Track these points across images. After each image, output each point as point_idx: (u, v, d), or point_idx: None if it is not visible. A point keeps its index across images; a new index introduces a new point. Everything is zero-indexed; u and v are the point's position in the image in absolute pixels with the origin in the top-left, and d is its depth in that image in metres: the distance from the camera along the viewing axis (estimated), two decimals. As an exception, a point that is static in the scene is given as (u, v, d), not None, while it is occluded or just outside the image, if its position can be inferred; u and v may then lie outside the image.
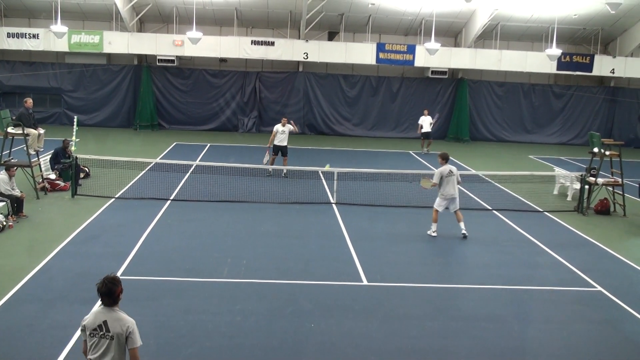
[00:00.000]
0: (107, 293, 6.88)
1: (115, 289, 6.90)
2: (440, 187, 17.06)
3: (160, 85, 37.48)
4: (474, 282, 14.12)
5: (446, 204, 17.11)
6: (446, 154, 17.48)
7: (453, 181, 16.97)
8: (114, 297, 6.89)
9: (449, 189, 16.92)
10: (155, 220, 17.56)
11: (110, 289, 6.87)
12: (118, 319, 6.85)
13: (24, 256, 14.40)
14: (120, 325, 6.80)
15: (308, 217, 18.88)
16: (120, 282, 7.00)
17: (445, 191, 16.97)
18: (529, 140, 39.23)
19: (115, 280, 6.94)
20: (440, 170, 17.09)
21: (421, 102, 38.14)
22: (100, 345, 6.84)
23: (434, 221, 17.23)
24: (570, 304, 13.16)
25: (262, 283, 13.33)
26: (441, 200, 17.12)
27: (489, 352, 10.71)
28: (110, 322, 6.83)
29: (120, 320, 6.83)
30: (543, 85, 39.56)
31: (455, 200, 17.07)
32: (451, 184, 16.94)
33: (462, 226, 17.08)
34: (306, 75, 37.97)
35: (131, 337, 6.78)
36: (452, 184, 16.95)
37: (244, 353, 10.19)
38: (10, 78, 36.22)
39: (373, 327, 11.42)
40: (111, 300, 6.89)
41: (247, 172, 22.80)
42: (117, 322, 6.82)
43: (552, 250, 16.57)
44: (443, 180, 16.96)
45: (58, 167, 21.86)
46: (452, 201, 17.06)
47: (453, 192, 16.97)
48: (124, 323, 6.82)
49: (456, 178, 17.07)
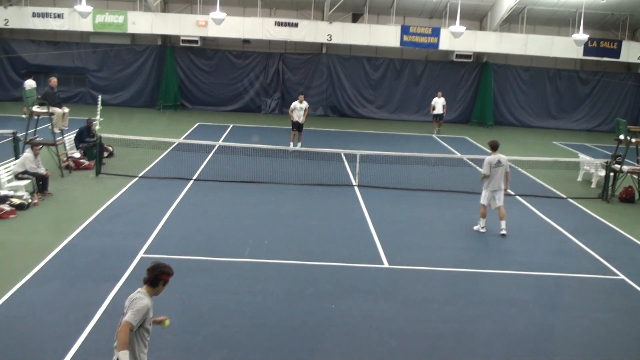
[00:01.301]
0: (152, 268, 7.07)
1: (161, 271, 7.03)
2: (489, 179, 15.98)
3: (184, 66, 37.51)
4: (495, 267, 14.07)
5: (491, 196, 16.02)
6: (495, 142, 16.16)
7: (501, 172, 15.92)
8: (149, 276, 7.03)
9: (495, 180, 15.88)
10: (178, 200, 17.65)
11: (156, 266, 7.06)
12: (135, 297, 6.95)
13: (48, 233, 14.56)
14: (131, 298, 6.92)
15: (330, 199, 18.89)
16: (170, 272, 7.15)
17: (490, 183, 15.94)
18: (553, 126, 38.78)
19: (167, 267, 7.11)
20: (489, 160, 15.95)
21: (445, 85, 37.82)
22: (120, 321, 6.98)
23: (482, 216, 16.23)
24: (592, 292, 13.08)
25: (283, 264, 13.38)
26: (487, 193, 16.04)
27: (509, 337, 10.68)
28: (129, 298, 6.99)
29: (136, 295, 6.94)
30: (569, 71, 39.05)
31: (501, 193, 15.97)
32: (499, 175, 15.90)
33: (502, 225, 16.02)
34: (329, 57, 37.81)
35: (128, 310, 6.82)
36: (499, 175, 15.90)
37: (265, 333, 10.25)
38: (35, 57, 36.42)
39: (393, 310, 11.43)
40: (150, 277, 7.05)
41: (269, 153, 22.83)
42: (133, 296, 6.96)
43: (575, 237, 16.44)
44: (491, 171, 15.90)
45: (82, 146, 22.01)
46: (497, 193, 15.96)
47: (500, 184, 15.92)
48: (135, 296, 6.92)
49: (505, 169, 15.98)
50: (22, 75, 36.24)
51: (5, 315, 10.30)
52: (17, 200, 15.93)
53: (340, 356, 9.66)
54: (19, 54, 36.33)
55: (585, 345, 10.61)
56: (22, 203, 15.98)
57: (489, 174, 15.90)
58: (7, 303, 10.73)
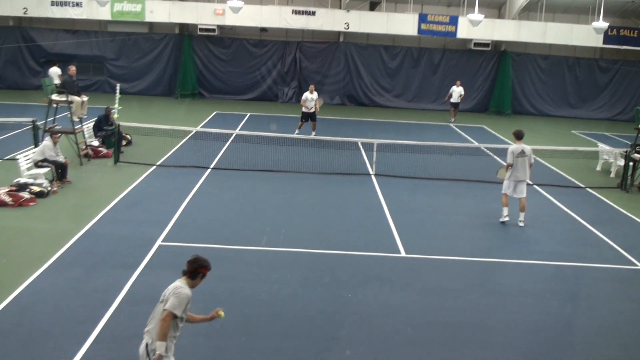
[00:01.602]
0: (192, 261, 7.24)
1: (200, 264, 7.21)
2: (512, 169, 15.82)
3: (201, 55, 37.58)
4: (513, 257, 14.04)
5: (513, 186, 15.94)
6: (520, 132, 15.99)
7: (524, 163, 15.77)
8: (189, 268, 7.20)
9: (519, 171, 15.74)
10: (196, 189, 17.73)
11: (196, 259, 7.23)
12: (177, 285, 7.10)
13: (67, 221, 14.69)
14: (172, 288, 7.06)
15: (347, 188, 18.89)
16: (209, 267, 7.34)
17: (513, 173, 15.80)
18: (572, 115, 38.51)
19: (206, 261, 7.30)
20: (512, 149, 15.80)
21: (463, 74, 37.59)
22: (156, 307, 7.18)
23: (504, 205, 16.10)
24: (610, 281, 13.01)
25: (300, 252, 13.43)
26: (509, 183, 15.94)
27: (526, 327, 10.66)
28: (170, 287, 7.13)
29: (178, 286, 7.08)
30: (588, 59, 38.72)
31: (523, 184, 15.90)
32: (521, 165, 15.76)
33: (521, 216, 15.97)
34: (347, 45, 37.73)
35: (169, 299, 6.94)
36: (522, 166, 15.75)
37: (282, 321, 10.30)
38: (54, 46, 36.62)
39: (410, 299, 11.45)
40: (190, 269, 7.21)
41: (286, 142, 22.86)
42: (175, 286, 7.09)
43: (594, 227, 16.36)
44: (515, 161, 15.73)
45: (101, 134, 22.14)
46: (519, 184, 15.87)
47: (523, 175, 15.80)
48: (178, 287, 7.05)
49: (528, 160, 15.81)
50: (41, 63, 36.59)
51: (27, 301, 10.44)
52: (37, 188, 16.08)
53: (357, 345, 9.69)
54: (38, 43, 36.54)
55: (603, 335, 10.57)
56: (42, 191, 16.13)
57: (512, 163, 15.79)
58: (29, 289, 10.86)
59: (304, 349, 9.50)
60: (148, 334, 7.06)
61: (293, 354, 9.32)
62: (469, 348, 9.82)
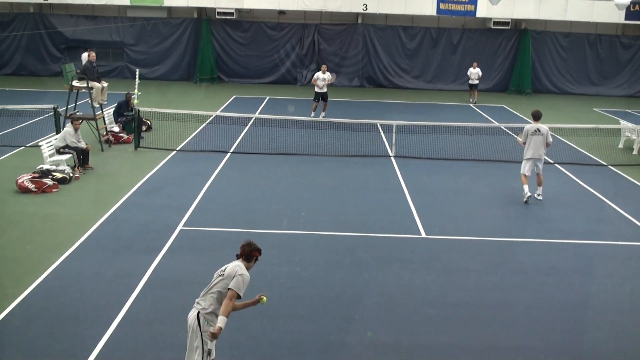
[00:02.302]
0: (247, 245, 7.63)
1: (254, 248, 7.61)
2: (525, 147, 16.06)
3: (220, 39, 37.56)
4: (534, 236, 14.00)
5: (531, 164, 16.03)
6: (538, 112, 16.13)
7: (539, 141, 15.89)
8: (250, 252, 7.57)
9: (533, 149, 15.90)
10: (216, 173, 17.82)
11: (249, 243, 7.65)
12: (238, 265, 7.45)
13: (90, 206, 14.85)
14: (236, 269, 7.36)
15: (366, 170, 18.89)
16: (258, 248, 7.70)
17: (529, 152, 15.95)
18: (594, 93, 38.06)
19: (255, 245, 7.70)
20: (527, 128, 16.08)
21: (482, 54, 37.32)
22: (212, 280, 7.51)
23: (524, 183, 16.11)
24: (633, 259, 12.95)
25: (321, 235, 13.48)
26: (525, 162, 16.08)
27: (548, 305, 10.65)
28: (231, 265, 7.49)
29: (240, 267, 7.42)
30: (610, 36, 38.18)
31: (540, 161, 16.04)
32: (536, 143, 15.89)
33: (539, 190, 16.24)
34: (365, 27, 37.51)
35: (236, 279, 7.27)
36: (537, 144, 15.89)
37: (303, 303, 10.38)
38: (74, 32, 36.78)
39: (431, 280, 11.47)
40: (246, 253, 7.57)
41: (305, 125, 22.86)
42: (237, 266, 7.42)
43: (616, 204, 16.25)
44: (528, 139, 15.93)
45: (121, 120, 22.28)
46: (536, 161, 16.04)
47: (538, 153, 15.92)
48: (240, 269, 7.38)
49: (544, 138, 15.93)
50: (61, 50, 36.89)
51: (53, 285, 10.60)
52: (59, 175, 16.24)
53: (378, 325, 9.74)
54: (58, 29, 36.72)
55: (628, 312, 10.55)
56: (64, 177, 16.29)
57: (524, 141, 16.05)
58: (54, 274, 11.03)
59: (325, 330, 9.57)
60: (199, 305, 7.41)
61: (314, 336, 9.39)
62: (491, 327, 9.84)
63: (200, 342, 7.27)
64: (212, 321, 7.28)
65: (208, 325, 7.28)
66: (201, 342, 7.26)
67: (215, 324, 7.22)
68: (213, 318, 7.29)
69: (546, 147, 16.16)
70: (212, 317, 7.30)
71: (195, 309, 7.40)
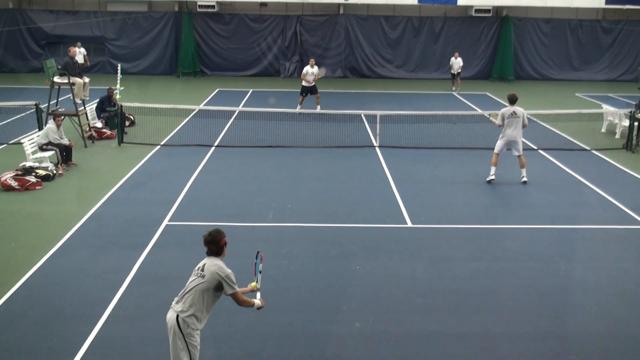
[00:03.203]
0: (212, 241, 7.30)
1: (219, 238, 7.30)
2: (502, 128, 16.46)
3: (202, 32, 37.40)
4: (519, 222, 14.08)
5: (506, 146, 16.45)
6: (512, 95, 16.58)
7: (516, 123, 16.23)
8: (218, 245, 7.31)
9: (510, 131, 16.26)
10: (201, 167, 17.76)
11: (214, 237, 7.29)
12: (218, 265, 7.24)
13: (74, 203, 14.76)
14: (218, 271, 7.17)
15: (351, 161, 18.89)
16: (224, 234, 7.40)
17: (506, 133, 16.34)
18: (576, 78, 38.26)
19: (220, 232, 7.38)
20: (502, 112, 16.47)
21: (464, 42, 37.44)
22: (190, 280, 7.30)
23: (493, 164, 16.57)
24: (619, 242, 13.04)
25: (307, 227, 13.47)
26: (502, 143, 16.47)
27: (535, 291, 10.71)
28: (209, 265, 7.25)
29: (220, 267, 7.22)
30: (591, 21, 38.35)
31: (518, 143, 16.34)
32: (513, 126, 16.23)
33: (523, 172, 16.56)
34: (347, 17, 37.46)
35: (227, 284, 7.19)
36: (514, 126, 16.23)
37: (291, 295, 10.37)
38: (54, 28, 36.51)
39: (418, 269, 11.50)
40: (216, 248, 7.32)
41: (290, 117, 22.82)
42: (216, 267, 7.21)
43: (600, 188, 16.35)
44: (505, 121, 16.32)
45: (104, 115, 22.14)
46: (513, 144, 16.36)
47: (514, 134, 16.27)
48: (222, 270, 7.20)
49: (521, 120, 16.28)
50: (42, 46, 36.64)
51: (38, 283, 10.54)
52: (43, 172, 16.12)
53: (367, 315, 9.75)
54: (38, 25, 36.42)
55: (614, 295, 10.63)
56: (48, 174, 16.17)
57: (500, 123, 16.42)
58: (39, 271, 10.96)
59: (314, 322, 9.57)
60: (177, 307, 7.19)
61: (302, 328, 9.39)
62: (479, 314, 9.87)
63: (184, 345, 7.11)
64: (192, 324, 7.10)
65: (189, 327, 7.09)
66: (185, 344, 7.10)
67: (196, 326, 7.14)
68: (194, 320, 7.11)
69: (523, 128, 16.47)
70: (192, 319, 7.10)
71: (173, 311, 7.18)
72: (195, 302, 7.14)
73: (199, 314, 7.15)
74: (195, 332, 7.17)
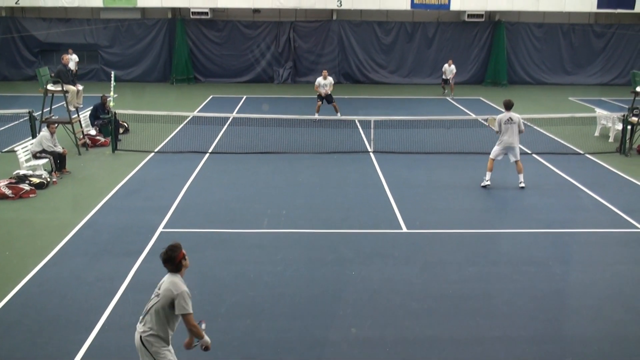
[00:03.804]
0: (167, 260, 7.06)
1: (175, 255, 7.04)
2: (500, 135, 16.51)
3: (195, 38, 37.41)
4: (514, 226, 14.09)
5: (504, 152, 16.52)
6: (508, 101, 16.59)
7: (513, 129, 16.29)
8: (174, 263, 7.06)
9: (507, 137, 16.31)
10: (195, 173, 17.74)
11: (170, 256, 7.04)
12: (173, 282, 7.00)
13: (69, 211, 14.72)
14: (171, 288, 6.94)
15: (346, 166, 18.89)
16: (181, 248, 7.11)
17: (503, 139, 16.38)
18: (569, 82, 38.40)
19: (175, 247, 7.09)
20: (499, 118, 16.52)
21: (457, 47, 37.54)
22: (149, 300, 7.13)
23: (489, 170, 16.62)
24: (613, 245, 13.07)
25: (302, 233, 13.46)
26: (499, 149, 16.51)
27: (531, 295, 10.71)
28: (165, 282, 7.05)
29: (174, 284, 6.97)
30: (583, 25, 38.49)
31: (515, 149, 16.40)
32: (510, 131, 16.29)
33: (520, 178, 16.59)
34: (340, 23, 37.51)
35: (178, 303, 6.89)
36: (511, 132, 16.29)
37: (287, 301, 10.35)
38: (47, 35, 36.48)
39: (413, 274, 11.49)
40: (172, 266, 7.08)
41: (284, 123, 22.82)
42: (171, 284, 6.98)
43: (594, 192, 16.39)
44: (502, 128, 16.37)
45: (98, 123, 22.11)
46: (510, 150, 16.43)
47: (511, 140, 16.32)
48: (176, 287, 6.94)
49: (517, 126, 16.35)
50: (35, 53, 36.63)
51: (33, 292, 10.50)
52: (37, 180, 16.09)
53: (362, 321, 9.74)
54: (31, 33, 36.41)
55: (609, 298, 10.64)
56: (42, 182, 16.14)
57: (498, 129, 16.48)
58: (34, 280, 10.92)
59: (309, 328, 9.55)
60: (139, 327, 7.06)
61: (299, 334, 9.37)
62: (474, 319, 9.87)
63: None
64: (155, 343, 6.95)
65: (153, 346, 6.95)
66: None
67: (161, 344, 6.98)
68: (157, 340, 6.97)
69: (519, 134, 16.51)
70: (155, 339, 6.96)
71: (137, 332, 7.07)
72: (155, 322, 6.97)
73: (161, 333, 7.00)
74: (162, 349, 7.01)
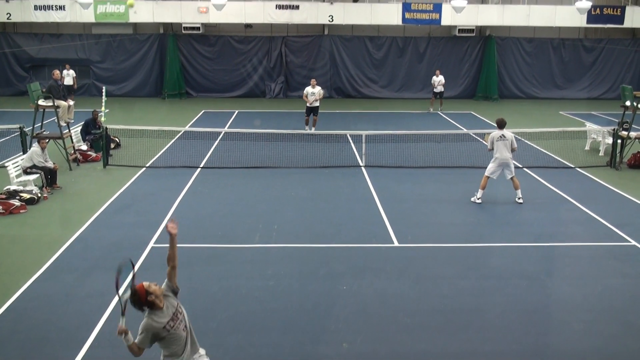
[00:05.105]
0: (135, 307, 7.06)
1: (137, 299, 7.02)
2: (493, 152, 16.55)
3: (187, 53, 37.49)
4: (505, 240, 14.11)
5: (499, 170, 16.50)
6: (501, 120, 16.55)
7: (506, 146, 16.35)
8: (142, 305, 7.02)
9: (501, 153, 16.35)
10: (186, 188, 17.72)
11: (135, 302, 7.04)
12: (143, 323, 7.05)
13: (59, 227, 14.67)
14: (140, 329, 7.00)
15: (337, 181, 18.91)
16: (139, 290, 7.03)
17: (496, 156, 16.40)
18: (559, 96, 38.65)
19: (134, 293, 7.04)
20: (492, 135, 16.58)
21: (448, 61, 37.75)
22: None
23: (482, 187, 16.59)
24: (604, 259, 13.08)
25: (294, 247, 13.44)
26: (494, 166, 16.48)
27: (522, 309, 10.71)
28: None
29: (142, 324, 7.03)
30: (573, 40, 38.79)
31: (510, 165, 16.44)
32: (503, 148, 16.35)
33: (518, 193, 16.59)
34: (332, 38, 37.68)
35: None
36: (504, 149, 16.35)
37: (279, 316, 10.32)
38: (39, 50, 36.49)
39: (405, 288, 11.48)
40: (143, 308, 7.06)
41: (275, 137, 22.85)
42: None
43: (585, 206, 16.44)
44: (495, 145, 16.42)
45: (89, 138, 22.09)
46: (505, 166, 16.47)
47: (505, 157, 16.36)
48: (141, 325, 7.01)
49: (510, 143, 16.40)
50: (26, 69, 36.65)
51: (23, 308, 10.43)
52: (27, 195, 16.03)
53: (354, 336, 9.71)
54: (23, 48, 36.42)
55: (600, 312, 10.64)
56: (32, 197, 16.08)
57: (491, 147, 16.54)
58: (23, 296, 10.85)
59: (301, 343, 9.52)
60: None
61: (290, 349, 9.34)
62: (466, 333, 9.86)
63: None
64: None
65: None
66: None
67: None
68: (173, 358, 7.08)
69: (512, 152, 16.55)
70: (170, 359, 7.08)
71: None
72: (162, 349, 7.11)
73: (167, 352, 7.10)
74: None
